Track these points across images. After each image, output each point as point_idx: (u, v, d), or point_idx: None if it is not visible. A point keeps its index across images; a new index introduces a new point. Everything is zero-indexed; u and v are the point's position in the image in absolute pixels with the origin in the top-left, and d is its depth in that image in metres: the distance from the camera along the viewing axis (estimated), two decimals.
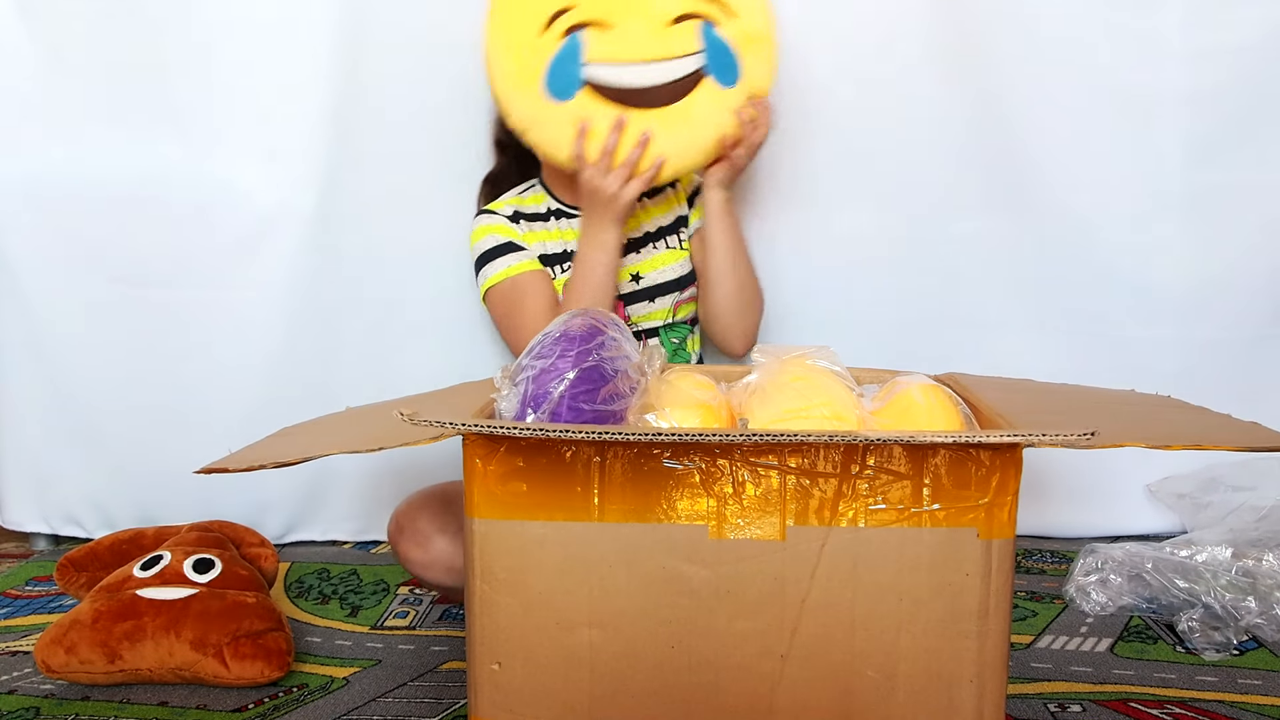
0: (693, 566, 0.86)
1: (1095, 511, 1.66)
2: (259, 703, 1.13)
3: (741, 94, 1.28)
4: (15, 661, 1.25)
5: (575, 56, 1.21)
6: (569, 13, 1.21)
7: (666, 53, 1.22)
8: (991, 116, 1.57)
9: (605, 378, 0.90)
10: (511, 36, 1.24)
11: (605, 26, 1.21)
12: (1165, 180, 1.56)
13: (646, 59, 1.22)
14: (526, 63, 1.23)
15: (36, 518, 1.70)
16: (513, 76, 1.24)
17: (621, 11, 1.21)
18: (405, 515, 1.29)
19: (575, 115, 1.23)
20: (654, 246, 1.43)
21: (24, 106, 1.56)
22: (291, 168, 1.56)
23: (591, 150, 1.24)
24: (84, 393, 1.64)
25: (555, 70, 1.22)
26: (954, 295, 1.63)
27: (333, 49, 1.53)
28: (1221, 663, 1.21)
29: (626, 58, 1.22)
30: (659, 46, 1.22)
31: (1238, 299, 1.59)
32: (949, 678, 0.86)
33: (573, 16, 1.21)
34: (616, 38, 1.21)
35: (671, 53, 1.23)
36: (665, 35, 1.22)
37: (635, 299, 1.42)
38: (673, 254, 1.44)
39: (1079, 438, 0.77)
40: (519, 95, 1.25)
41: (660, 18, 1.22)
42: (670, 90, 1.24)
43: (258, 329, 1.60)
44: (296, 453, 0.88)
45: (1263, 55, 1.52)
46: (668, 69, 1.23)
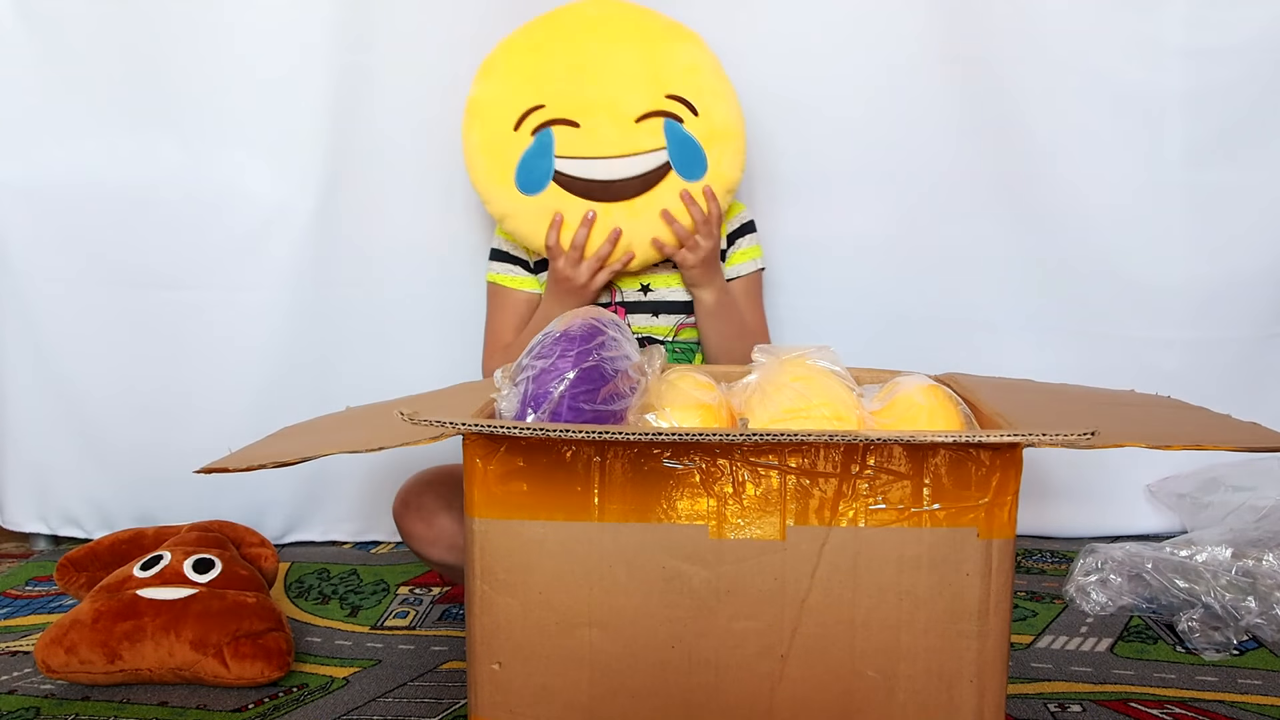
0: (693, 566, 0.86)
1: (1095, 511, 1.66)
2: (259, 703, 1.13)
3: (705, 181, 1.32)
4: (15, 661, 1.25)
5: (546, 152, 1.28)
6: (539, 110, 1.28)
7: (632, 149, 1.28)
8: (992, 116, 1.57)
9: (605, 378, 0.90)
10: (486, 134, 1.32)
11: (574, 125, 1.28)
12: (1165, 180, 1.56)
13: (612, 155, 1.28)
14: (500, 159, 1.30)
15: (36, 518, 1.70)
16: (488, 172, 1.32)
17: (589, 110, 1.28)
18: (411, 491, 1.29)
19: (546, 207, 1.30)
20: (672, 265, 1.41)
21: (24, 107, 1.56)
22: (291, 168, 1.56)
23: (564, 241, 1.30)
24: (84, 393, 1.64)
25: (525, 165, 1.29)
26: (954, 295, 1.63)
27: (333, 49, 1.54)
28: (1221, 663, 1.21)
29: (593, 153, 1.28)
30: (625, 143, 1.28)
31: (1238, 299, 1.59)
32: (949, 677, 0.86)
33: (542, 115, 1.28)
34: (584, 135, 1.28)
35: (637, 148, 1.28)
36: (631, 132, 1.28)
37: (639, 309, 1.41)
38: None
39: (1079, 437, 0.78)
40: (494, 189, 1.32)
41: (626, 115, 1.28)
42: (635, 184, 1.29)
43: (258, 329, 1.60)
44: (296, 453, 0.88)
45: (1263, 55, 1.52)
46: (632, 164, 1.28)
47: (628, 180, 1.28)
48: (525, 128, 1.28)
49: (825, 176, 1.61)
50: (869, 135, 1.60)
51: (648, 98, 1.29)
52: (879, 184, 1.62)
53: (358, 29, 1.53)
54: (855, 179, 1.61)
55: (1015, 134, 1.57)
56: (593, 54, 1.30)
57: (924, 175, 1.60)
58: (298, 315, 1.61)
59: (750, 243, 1.45)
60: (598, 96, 1.28)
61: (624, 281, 1.40)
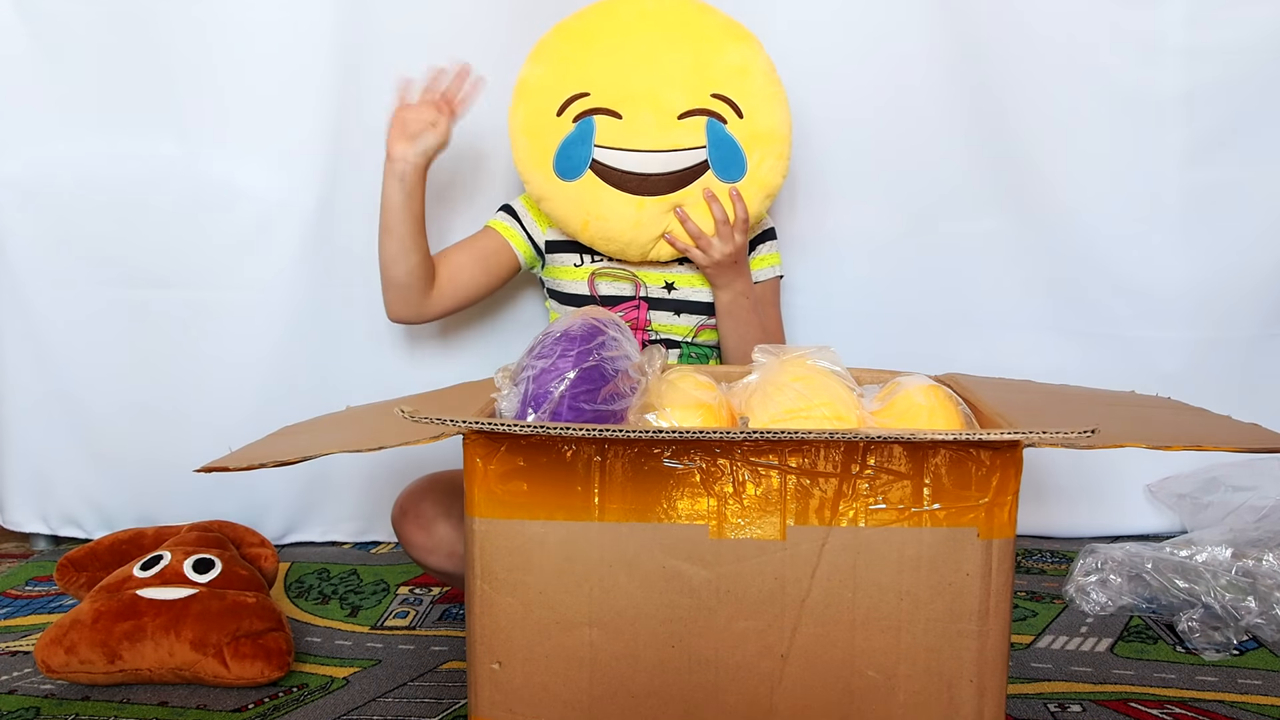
0: (693, 566, 0.86)
1: (1095, 511, 1.66)
2: (259, 703, 1.13)
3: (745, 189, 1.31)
4: (15, 661, 1.25)
5: (586, 139, 1.27)
6: (584, 99, 1.28)
7: (671, 144, 1.27)
8: (992, 116, 1.57)
9: (606, 378, 0.90)
10: (530, 118, 1.32)
11: (616, 115, 1.27)
12: (1165, 180, 1.56)
13: (651, 149, 1.27)
14: (541, 143, 1.30)
15: (36, 518, 1.70)
16: (528, 154, 1.32)
17: (632, 102, 1.27)
18: (409, 499, 1.29)
19: (581, 194, 1.29)
20: (694, 267, 1.41)
21: (24, 107, 1.56)
22: (291, 168, 1.56)
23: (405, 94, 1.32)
24: (84, 393, 1.64)
25: (564, 152, 1.28)
26: (954, 295, 1.63)
27: (333, 49, 1.54)
28: (1221, 663, 1.21)
29: (632, 145, 1.27)
30: (664, 138, 1.27)
31: (1238, 299, 1.59)
32: (949, 677, 0.86)
33: (587, 103, 1.27)
34: (625, 126, 1.27)
35: (676, 145, 1.27)
36: (673, 128, 1.27)
37: (662, 307, 1.40)
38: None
39: (1079, 436, 0.78)
40: (533, 171, 1.32)
41: (669, 111, 1.27)
42: (670, 180, 1.28)
43: (258, 329, 1.60)
44: (296, 452, 0.88)
45: (1263, 55, 1.52)
46: (670, 159, 1.27)
47: (663, 175, 1.28)
48: (568, 114, 1.28)
49: (825, 178, 1.61)
50: (870, 137, 1.60)
51: (693, 95, 1.27)
52: (879, 185, 1.62)
53: (358, 29, 1.53)
54: (855, 180, 1.62)
55: (1016, 135, 1.57)
56: (643, 47, 1.28)
57: (924, 176, 1.60)
58: (298, 315, 1.61)
59: (770, 249, 1.45)
60: (642, 90, 1.27)
61: (648, 276, 1.39)
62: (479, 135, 1.49)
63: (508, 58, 1.50)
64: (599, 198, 1.29)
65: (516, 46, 1.55)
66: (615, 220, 1.29)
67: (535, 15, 1.55)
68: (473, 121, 1.45)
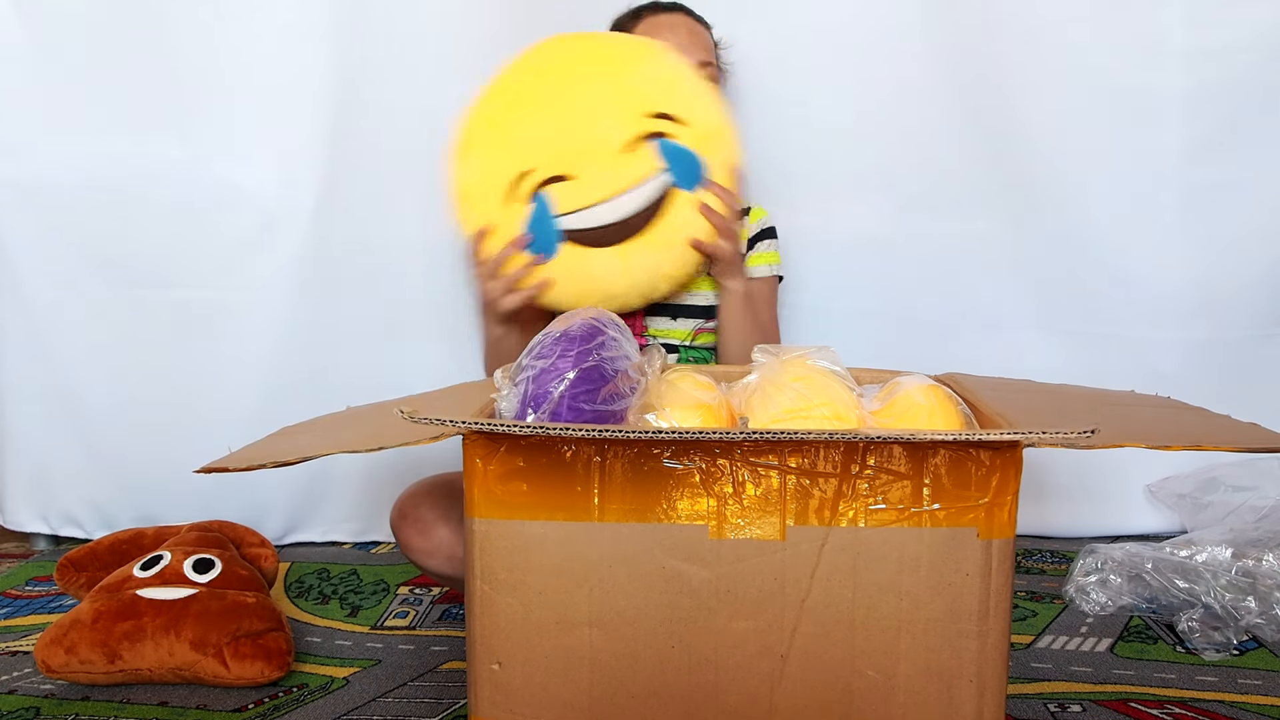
0: (693, 566, 0.86)
1: (1095, 511, 1.66)
2: (259, 703, 1.13)
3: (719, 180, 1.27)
4: (15, 661, 1.25)
5: (546, 214, 1.22)
6: (530, 175, 1.22)
7: (630, 181, 1.22)
8: (991, 116, 1.57)
9: (605, 378, 0.90)
10: (480, 210, 1.25)
11: (568, 178, 1.22)
12: (1165, 180, 1.56)
13: (613, 194, 1.21)
14: (502, 229, 1.24)
15: (36, 518, 1.70)
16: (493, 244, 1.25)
17: (577, 158, 1.22)
18: (408, 502, 1.28)
19: (564, 270, 1.24)
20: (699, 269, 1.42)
21: (25, 107, 1.56)
22: (291, 168, 1.56)
23: (486, 250, 1.25)
24: (84, 393, 1.64)
25: (533, 230, 1.22)
26: (954, 295, 1.63)
27: (333, 49, 1.54)
28: (1221, 663, 1.21)
29: (594, 200, 1.21)
30: (621, 178, 1.22)
31: (1238, 299, 1.59)
32: (949, 678, 0.86)
33: (534, 179, 1.22)
34: (579, 185, 1.21)
35: (634, 179, 1.22)
36: (624, 164, 1.22)
37: (659, 311, 1.40)
38: (711, 282, 1.40)
39: (1079, 436, 0.78)
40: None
41: (613, 149, 1.22)
42: (644, 216, 1.23)
43: (258, 329, 1.60)
44: (296, 452, 0.88)
45: (1263, 55, 1.52)
46: (635, 196, 1.22)
47: (636, 215, 1.23)
48: (522, 193, 1.23)
49: (825, 177, 1.62)
50: (870, 136, 1.60)
51: (628, 123, 1.23)
52: (879, 184, 1.62)
53: (358, 30, 1.54)
54: (855, 180, 1.62)
55: (1015, 134, 1.57)
56: (562, 100, 1.24)
57: (924, 176, 1.60)
58: (298, 315, 1.61)
59: (769, 247, 1.45)
60: (579, 142, 1.22)
61: None
62: None
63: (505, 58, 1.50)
64: (585, 263, 1.24)
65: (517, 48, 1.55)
66: (606, 276, 1.25)
67: (535, 16, 1.55)
68: None
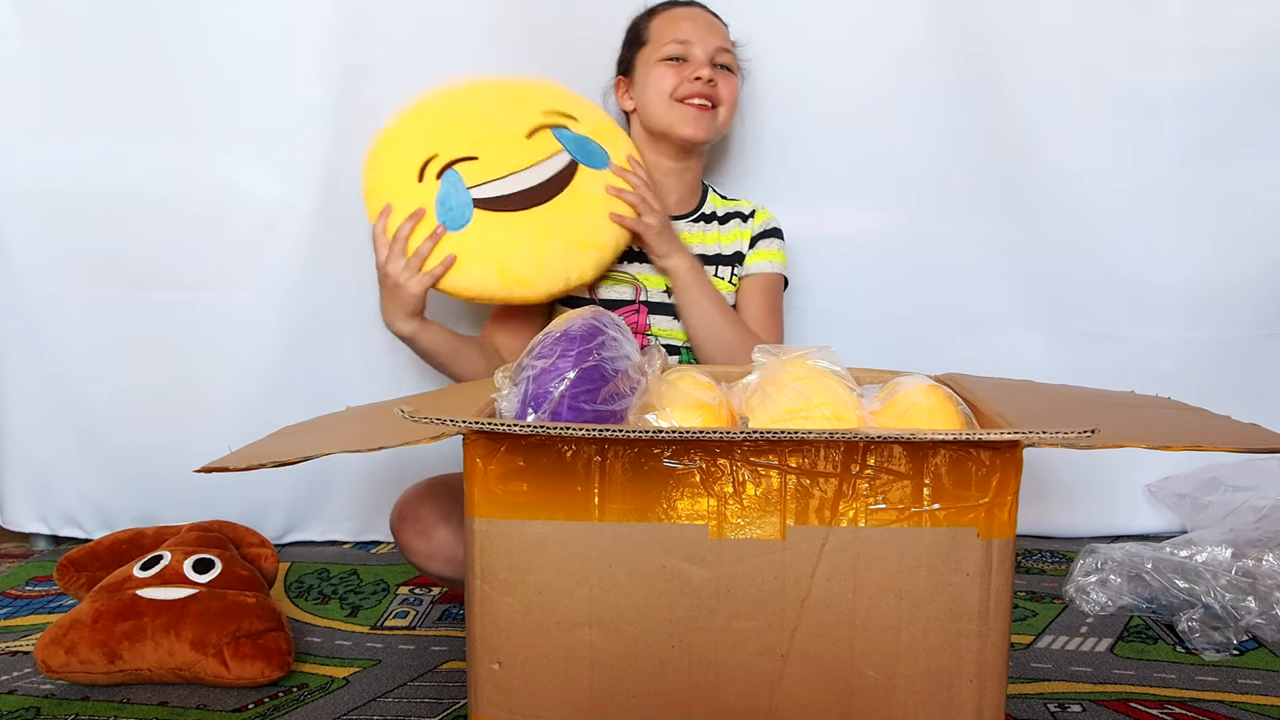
0: (693, 566, 0.86)
1: (1095, 511, 1.66)
2: (259, 703, 1.13)
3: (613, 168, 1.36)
4: (15, 661, 1.25)
5: (458, 187, 1.28)
6: (436, 159, 1.29)
7: (533, 159, 1.31)
8: (992, 117, 1.57)
9: (605, 378, 0.90)
10: (393, 194, 1.29)
11: (472, 159, 1.29)
12: (1164, 180, 1.56)
13: (520, 169, 1.30)
14: (412, 209, 1.27)
15: (36, 518, 1.70)
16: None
17: (480, 144, 1.30)
18: (408, 504, 1.28)
19: (477, 237, 1.27)
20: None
21: (25, 107, 1.56)
22: (291, 168, 1.56)
23: (390, 227, 1.27)
24: (84, 393, 1.64)
25: (443, 205, 1.27)
26: (954, 295, 1.63)
27: (333, 49, 1.54)
28: (1221, 663, 1.21)
29: (501, 173, 1.29)
30: (525, 156, 1.31)
31: (1237, 299, 1.59)
32: (949, 678, 0.86)
33: (440, 160, 1.29)
34: (485, 163, 1.29)
35: (538, 157, 1.32)
36: (526, 146, 1.32)
37: (662, 311, 1.40)
38: (716, 283, 1.42)
39: (1079, 435, 0.78)
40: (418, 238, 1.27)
41: (516, 136, 1.32)
42: (551, 186, 1.31)
43: (258, 329, 1.60)
44: (296, 452, 0.87)
45: (1262, 55, 1.52)
46: (539, 170, 1.31)
47: (543, 184, 1.30)
48: (429, 175, 1.28)
49: (826, 177, 1.62)
50: (870, 136, 1.60)
51: (527, 119, 1.34)
52: (879, 184, 1.62)
53: (357, 29, 1.53)
54: (855, 179, 1.62)
55: (1014, 135, 1.57)
56: (465, 107, 1.35)
57: (924, 176, 1.60)
58: (298, 315, 1.61)
59: (772, 246, 1.45)
60: (483, 132, 1.32)
61: (649, 280, 1.40)
62: None
63: (507, 60, 1.50)
64: (498, 227, 1.27)
65: (515, 48, 1.55)
66: (516, 246, 1.28)
67: (534, 17, 1.55)
68: None
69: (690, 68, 1.38)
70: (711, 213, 1.48)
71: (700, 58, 1.39)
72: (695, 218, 1.47)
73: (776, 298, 1.46)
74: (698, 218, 1.47)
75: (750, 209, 1.48)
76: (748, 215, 1.47)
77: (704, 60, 1.39)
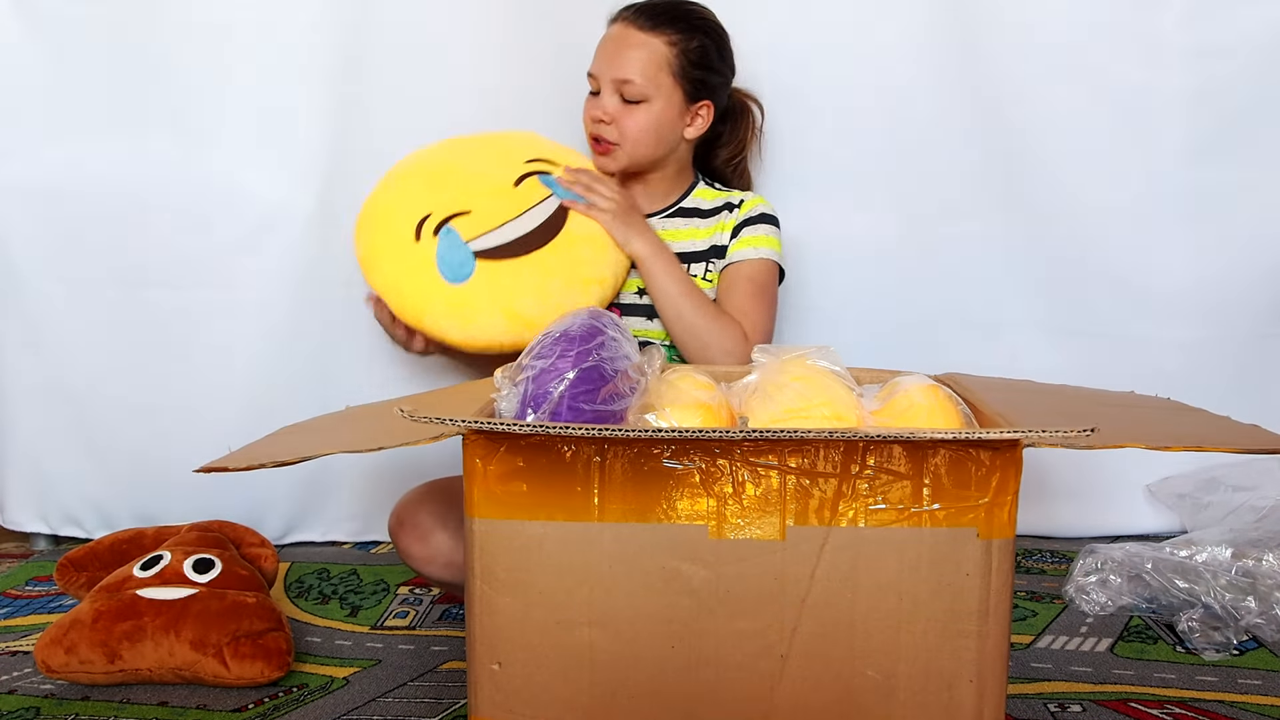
0: (693, 566, 0.86)
1: (1095, 511, 1.66)
2: (259, 703, 1.13)
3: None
4: (15, 661, 1.25)
5: (456, 242, 1.28)
6: (430, 218, 1.30)
7: (524, 206, 1.32)
8: (992, 117, 1.57)
9: (605, 378, 0.90)
10: (392, 257, 1.30)
11: (466, 213, 1.30)
12: (1165, 180, 1.56)
13: (514, 216, 1.31)
14: (416, 269, 1.29)
15: (36, 518, 1.70)
16: (412, 289, 1.29)
17: (471, 197, 1.32)
18: (406, 509, 1.28)
19: (484, 286, 1.28)
20: None
21: (25, 107, 1.56)
22: (291, 168, 1.56)
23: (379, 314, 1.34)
24: (84, 393, 1.64)
25: (444, 261, 1.28)
26: (954, 295, 1.63)
27: (332, 49, 1.54)
28: (1221, 663, 1.21)
29: (496, 223, 1.30)
30: (516, 205, 1.32)
31: (1238, 299, 1.59)
32: (949, 677, 0.86)
33: (435, 219, 1.30)
34: (478, 215, 1.30)
35: (529, 203, 1.33)
36: (515, 195, 1.33)
37: (635, 312, 1.39)
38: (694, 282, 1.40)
39: (1079, 436, 0.78)
40: (427, 298, 1.28)
41: (504, 186, 1.34)
42: (544, 230, 1.31)
43: (258, 329, 1.60)
44: (296, 452, 0.87)
45: (1263, 55, 1.52)
46: (534, 214, 1.32)
47: (538, 228, 1.31)
48: (425, 234, 1.29)
49: (826, 177, 1.61)
50: (871, 137, 1.60)
51: (512, 169, 1.35)
52: (879, 185, 1.62)
53: (357, 29, 1.53)
54: (855, 180, 1.62)
55: (1016, 135, 1.57)
56: (449, 164, 1.37)
57: (924, 176, 1.60)
58: (297, 315, 1.61)
59: (758, 232, 1.39)
60: (471, 186, 1.33)
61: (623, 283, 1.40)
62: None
63: (505, 59, 1.51)
64: (501, 274, 1.28)
65: (514, 48, 1.55)
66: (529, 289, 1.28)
67: (533, 17, 1.55)
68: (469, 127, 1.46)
69: (592, 105, 1.36)
70: (693, 207, 1.43)
71: (602, 94, 1.35)
72: (671, 213, 1.43)
73: (762, 284, 1.38)
74: (674, 213, 1.43)
75: (740, 198, 1.43)
76: (736, 204, 1.42)
77: (606, 96, 1.35)
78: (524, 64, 1.55)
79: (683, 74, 1.34)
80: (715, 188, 1.46)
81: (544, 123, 1.54)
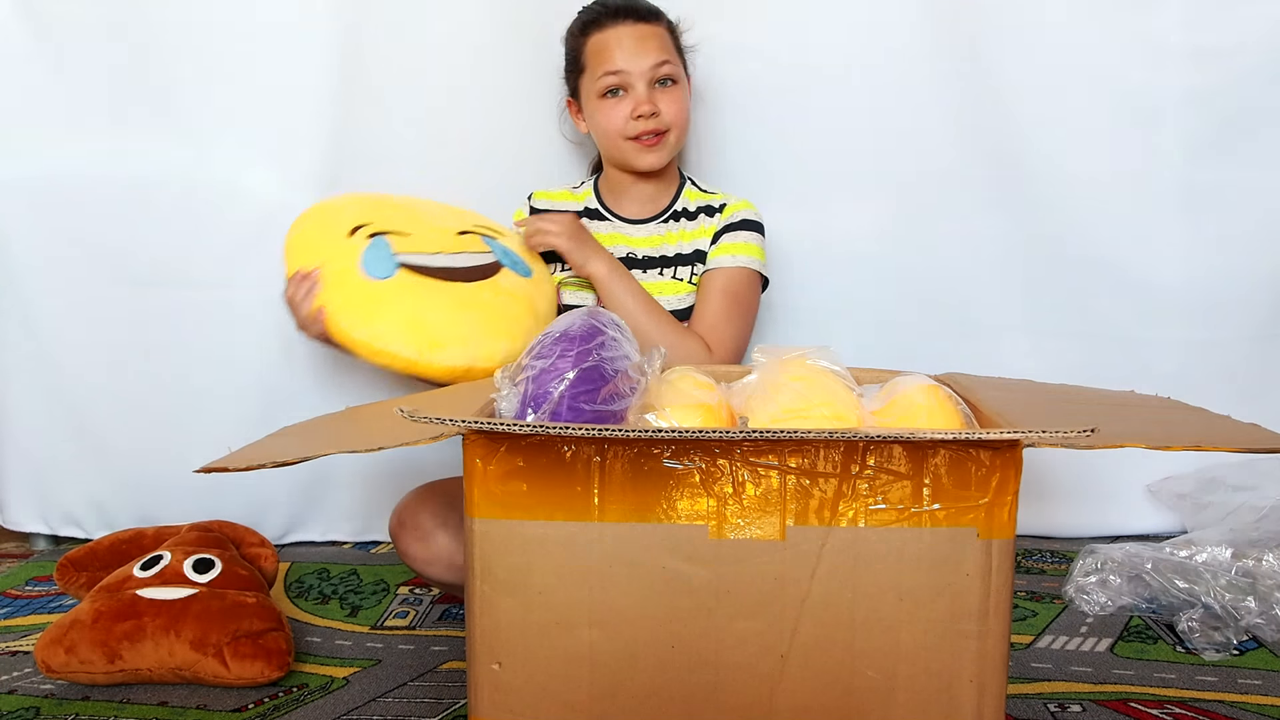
0: (693, 566, 0.86)
1: (1095, 511, 1.66)
2: (259, 703, 1.13)
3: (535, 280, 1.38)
4: (15, 661, 1.25)
5: (384, 249, 1.29)
6: (368, 226, 1.32)
7: (461, 248, 1.35)
8: (992, 117, 1.57)
9: (605, 378, 0.90)
10: (319, 243, 1.31)
11: (403, 234, 1.32)
12: (1165, 180, 1.56)
13: (450, 251, 1.33)
14: (338, 255, 1.28)
15: (36, 518, 1.70)
16: (328, 269, 1.27)
17: (413, 225, 1.35)
18: (407, 510, 1.28)
19: (397, 290, 1.25)
20: (660, 273, 1.41)
21: (25, 107, 1.56)
22: (291, 168, 1.56)
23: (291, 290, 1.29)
24: (84, 393, 1.64)
25: (369, 259, 1.27)
26: (954, 295, 1.63)
27: (333, 49, 1.54)
28: (1221, 663, 1.21)
29: (429, 250, 1.31)
30: (454, 246, 1.35)
31: (1237, 299, 1.59)
32: (949, 678, 0.86)
33: (371, 227, 1.32)
34: (416, 239, 1.32)
35: (465, 249, 1.35)
36: (456, 240, 1.36)
37: None
38: (672, 285, 1.41)
39: (1079, 436, 0.77)
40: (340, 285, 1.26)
41: (448, 231, 1.37)
42: (476, 272, 1.32)
43: (258, 328, 1.60)
44: (296, 453, 0.87)
45: (1263, 55, 1.52)
46: (469, 258, 1.33)
47: (468, 269, 1.31)
48: (359, 235, 1.30)
49: (826, 177, 1.61)
50: (869, 136, 1.60)
51: (459, 223, 1.39)
52: (879, 184, 1.62)
53: (357, 29, 1.53)
54: (855, 179, 1.62)
55: (1014, 134, 1.57)
56: (401, 201, 1.41)
57: (924, 176, 1.60)
58: None
59: (739, 239, 1.38)
60: (417, 220, 1.36)
61: None
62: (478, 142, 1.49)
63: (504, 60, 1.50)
64: (420, 288, 1.26)
65: (512, 49, 1.55)
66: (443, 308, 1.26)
67: (531, 18, 1.55)
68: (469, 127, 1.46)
69: (628, 102, 1.35)
70: (683, 209, 1.44)
71: (639, 87, 1.34)
72: (666, 217, 1.44)
73: (738, 295, 1.37)
74: (669, 217, 1.44)
75: (721, 202, 1.43)
76: (717, 209, 1.42)
77: (643, 89, 1.34)
78: (524, 65, 1.55)
79: (680, 53, 1.42)
80: (700, 189, 1.47)
81: (544, 123, 1.54)
